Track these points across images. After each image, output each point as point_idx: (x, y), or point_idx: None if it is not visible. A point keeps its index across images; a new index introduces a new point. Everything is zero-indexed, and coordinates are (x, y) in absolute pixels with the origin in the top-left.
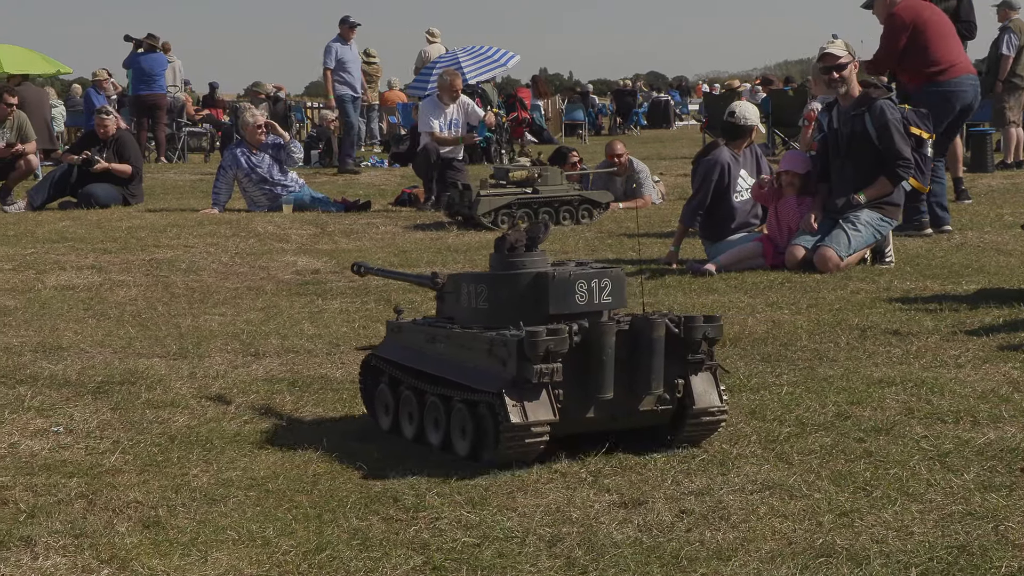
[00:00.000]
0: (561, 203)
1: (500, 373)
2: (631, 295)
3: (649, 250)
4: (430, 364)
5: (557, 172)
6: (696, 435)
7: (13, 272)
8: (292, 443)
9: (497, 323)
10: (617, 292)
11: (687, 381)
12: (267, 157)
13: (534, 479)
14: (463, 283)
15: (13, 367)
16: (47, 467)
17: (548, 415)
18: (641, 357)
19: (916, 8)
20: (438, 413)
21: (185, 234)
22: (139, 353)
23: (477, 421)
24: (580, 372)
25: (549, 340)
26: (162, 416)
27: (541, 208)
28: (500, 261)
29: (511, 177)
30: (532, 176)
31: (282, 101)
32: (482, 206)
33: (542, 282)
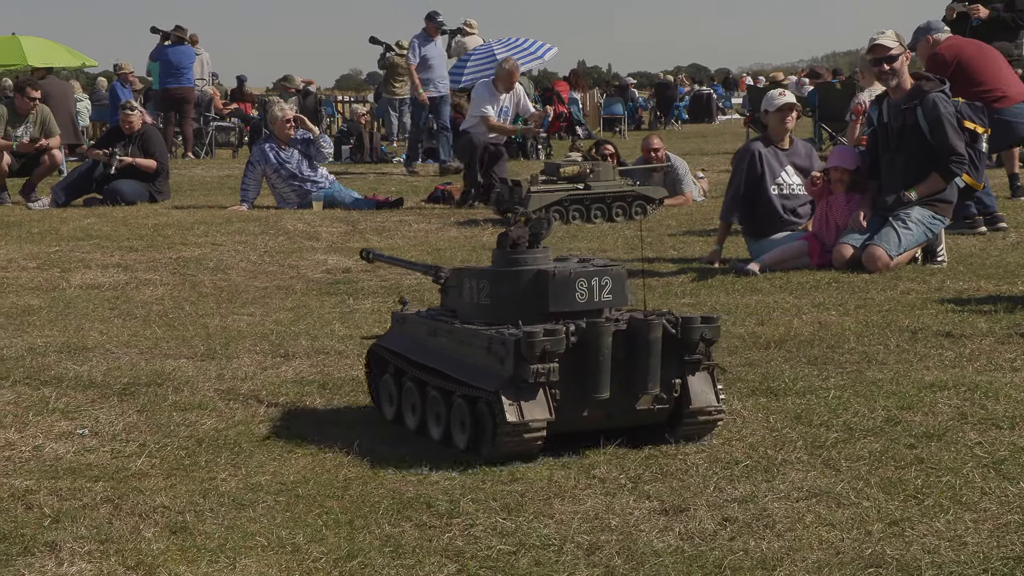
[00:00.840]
0: (613, 199)
1: (498, 371)
2: (671, 295)
3: (690, 249)
4: (432, 357)
5: (609, 167)
6: (693, 435)
7: (37, 271)
8: (323, 447)
9: (498, 319)
10: (618, 290)
11: (684, 381)
12: (296, 152)
13: (571, 485)
14: (465, 278)
15: (38, 368)
16: (72, 471)
17: (544, 414)
18: (638, 357)
19: (959, 45)
20: (439, 407)
21: (213, 232)
22: (166, 354)
23: (476, 417)
24: (577, 372)
25: (546, 340)
26: (189, 419)
27: (593, 204)
28: (502, 257)
29: (562, 173)
30: (584, 171)
31: (312, 95)
32: (532, 202)
33: (542, 280)
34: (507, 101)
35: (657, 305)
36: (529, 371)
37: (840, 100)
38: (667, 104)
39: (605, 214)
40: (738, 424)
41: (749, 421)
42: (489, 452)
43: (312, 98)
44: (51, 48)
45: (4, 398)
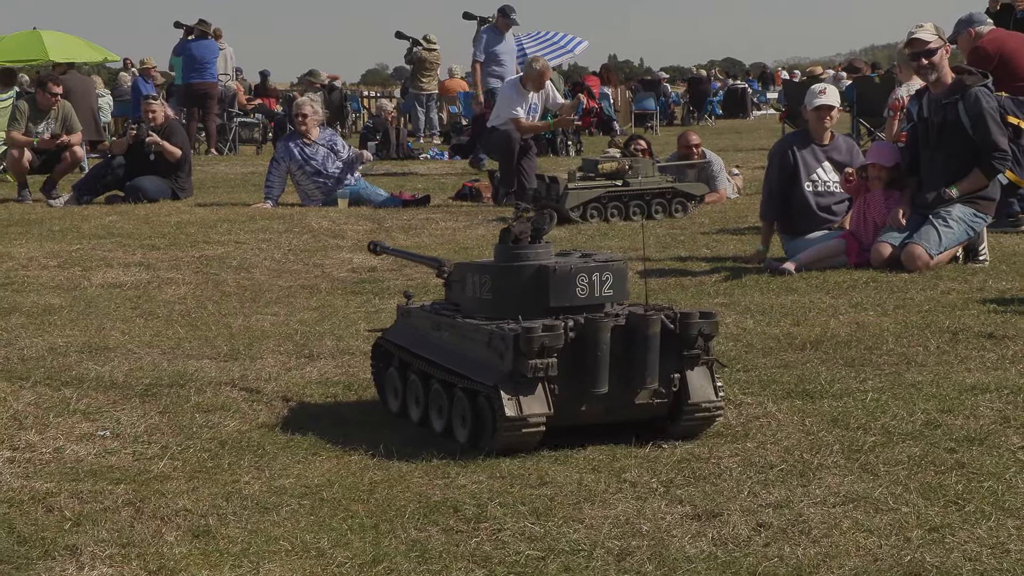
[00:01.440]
0: (653, 196)
1: (498, 366)
2: (704, 294)
3: (724, 247)
4: (435, 351)
5: (649, 163)
6: (692, 428)
7: (58, 269)
8: (348, 449)
9: (500, 314)
10: (619, 285)
11: (683, 376)
12: (321, 149)
13: (602, 489)
14: (468, 273)
15: (58, 368)
16: (93, 473)
17: (543, 408)
18: (637, 352)
19: (1002, 38)
20: (441, 400)
21: (236, 229)
22: (188, 354)
23: (476, 411)
24: (576, 367)
25: (544, 336)
26: (212, 420)
27: (632, 201)
28: (504, 252)
29: (600, 169)
30: (622, 168)
31: (338, 90)
32: (570, 199)
33: (543, 275)
34: (535, 99)
35: (690, 305)
36: (528, 366)
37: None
38: (700, 99)
39: (644, 211)
40: (773, 427)
41: (784, 424)
42: (489, 446)
43: (338, 93)
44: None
45: (25, 399)
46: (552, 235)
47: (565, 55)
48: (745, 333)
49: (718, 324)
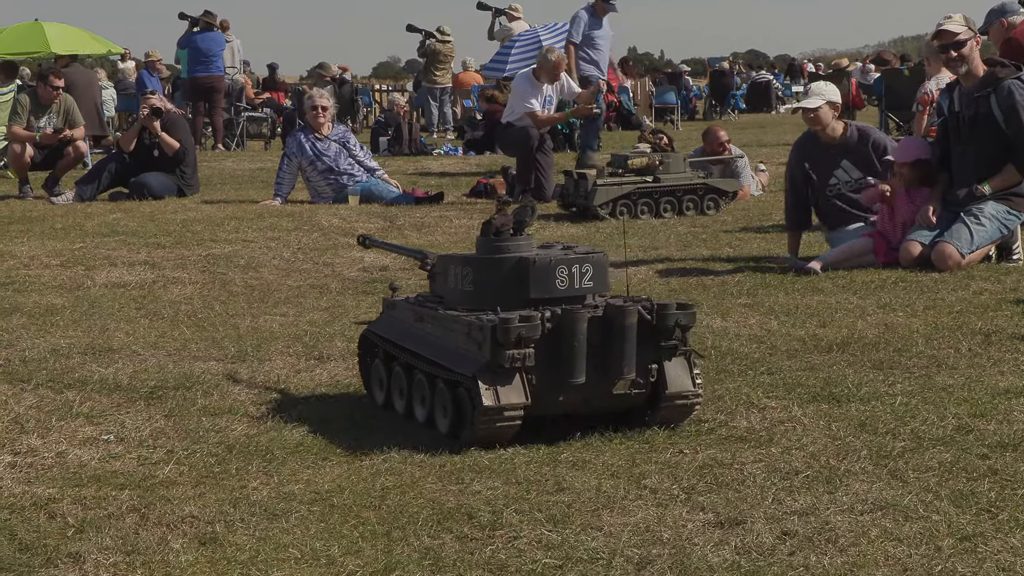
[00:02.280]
0: (685, 192)
1: (476, 356)
2: (726, 295)
3: (747, 246)
4: (417, 343)
5: (680, 159)
6: (671, 418)
7: (61, 268)
8: (359, 454)
9: (481, 305)
10: (599, 277)
11: (661, 366)
12: (333, 144)
13: (621, 495)
14: (451, 265)
15: (61, 370)
16: (97, 478)
17: (520, 398)
18: (614, 343)
19: None
20: (424, 391)
21: (244, 227)
22: (195, 356)
23: (457, 401)
24: (553, 357)
25: (521, 327)
26: (219, 424)
27: (663, 198)
28: (485, 245)
29: (630, 165)
30: (653, 163)
31: (348, 84)
32: (599, 196)
33: (523, 267)
34: (549, 90)
35: (712, 306)
36: (505, 356)
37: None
38: (723, 93)
39: (675, 208)
40: (798, 432)
41: (810, 429)
42: (468, 436)
43: (348, 87)
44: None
45: (26, 402)
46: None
47: None
48: (769, 335)
49: (695, 315)
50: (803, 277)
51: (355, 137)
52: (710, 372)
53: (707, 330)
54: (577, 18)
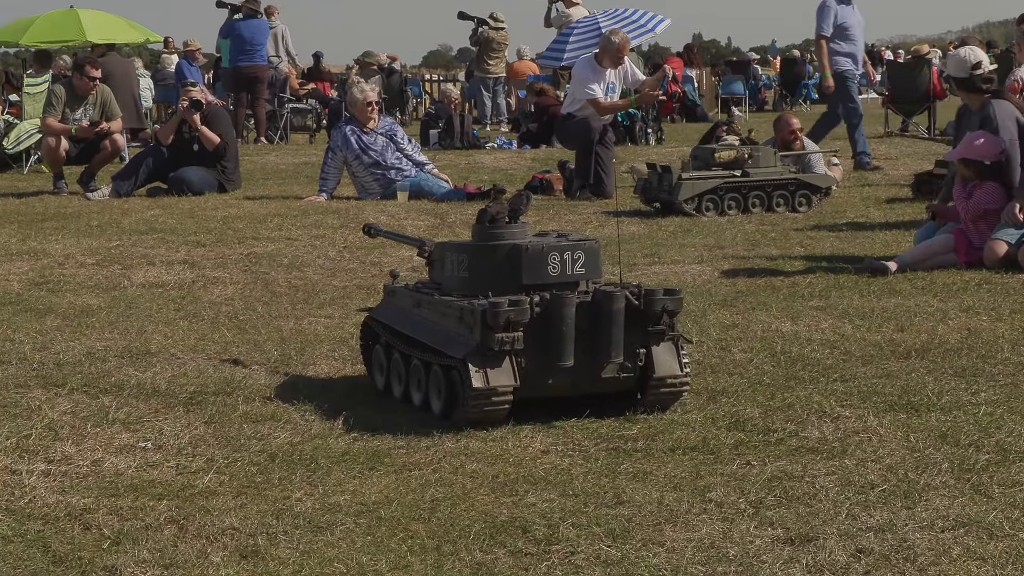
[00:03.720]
0: (775, 187)
1: (467, 340)
2: (797, 296)
3: (819, 245)
4: (415, 328)
5: (771, 153)
6: (659, 402)
7: (96, 267)
8: (407, 464)
9: (475, 291)
10: (591, 263)
11: (648, 351)
12: (380, 138)
13: (684, 509)
14: (447, 252)
15: (96, 374)
16: (134, 488)
17: (509, 380)
18: (601, 327)
19: None
20: (420, 374)
21: (288, 224)
22: (236, 360)
23: (450, 384)
24: (543, 341)
25: (510, 311)
26: (261, 431)
27: (751, 193)
28: (481, 232)
29: (717, 158)
30: (741, 157)
31: (397, 73)
32: (683, 191)
33: (516, 253)
34: (612, 76)
35: (782, 309)
36: (495, 339)
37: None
38: (794, 82)
39: (764, 203)
40: (874, 443)
41: (887, 440)
42: (460, 417)
43: (397, 77)
44: (112, 22)
45: (61, 407)
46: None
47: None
48: (843, 339)
49: (682, 300)
50: (879, 279)
51: (403, 130)
52: (780, 379)
53: (776, 334)
54: (825, 7)
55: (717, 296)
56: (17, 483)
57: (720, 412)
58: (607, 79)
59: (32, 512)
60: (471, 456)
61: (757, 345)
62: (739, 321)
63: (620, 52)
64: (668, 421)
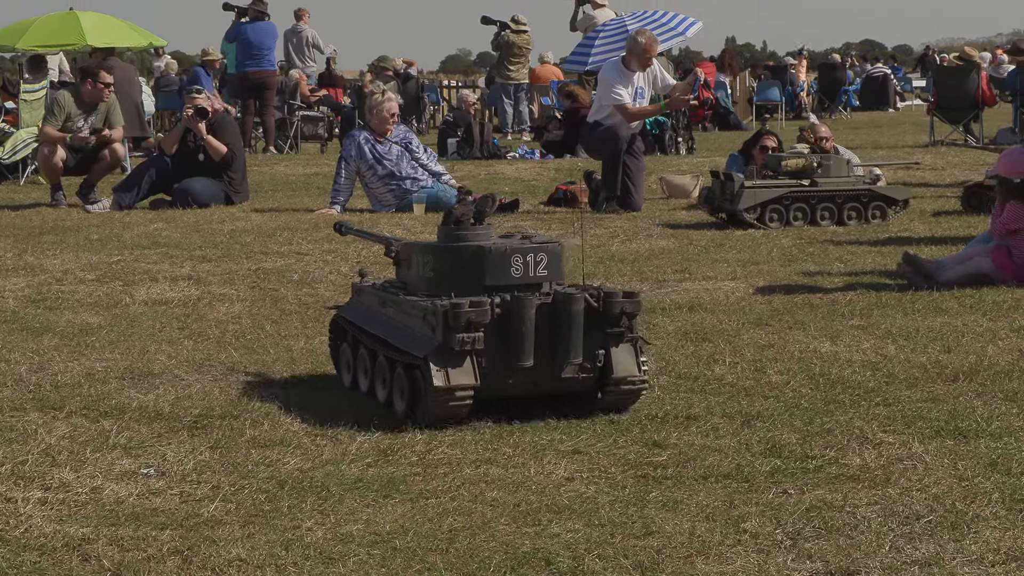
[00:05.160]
0: (846, 199)
1: (430, 339)
2: (836, 315)
3: (860, 260)
4: (380, 327)
5: (842, 162)
6: (618, 402)
7: (97, 283)
8: (424, 491)
9: (440, 291)
10: (553, 266)
11: (607, 352)
12: (395, 147)
13: (717, 540)
14: (413, 252)
15: (96, 396)
16: (135, 516)
17: (470, 380)
18: (561, 329)
19: None
20: (384, 372)
21: (298, 239)
22: (243, 381)
23: (412, 382)
24: (503, 341)
25: (471, 311)
26: (270, 457)
27: (821, 204)
28: (446, 234)
29: (784, 166)
30: (810, 165)
31: (414, 79)
32: (745, 199)
33: (480, 255)
34: (641, 80)
35: (821, 328)
36: (456, 339)
37: None
38: (834, 88)
39: (834, 216)
40: (919, 471)
41: (932, 468)
42: (422, 415)
43: (413, 83)
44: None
45: (58, 431)
46: (636, 249)
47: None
48: (886, 361)
49: (640, 303)
50: (923, 295)
51: (418, 138)
52: (818, 403)
53: (815, 355)
54: None
55: (751, 314)
56: (12, 512)
57: (755, 437)
58: (635, 83)
59: (28, 543)
60: (491, 483)
61: (794, 367)
62: (775, 341)
63: (647, 53)
64: (700, 447)
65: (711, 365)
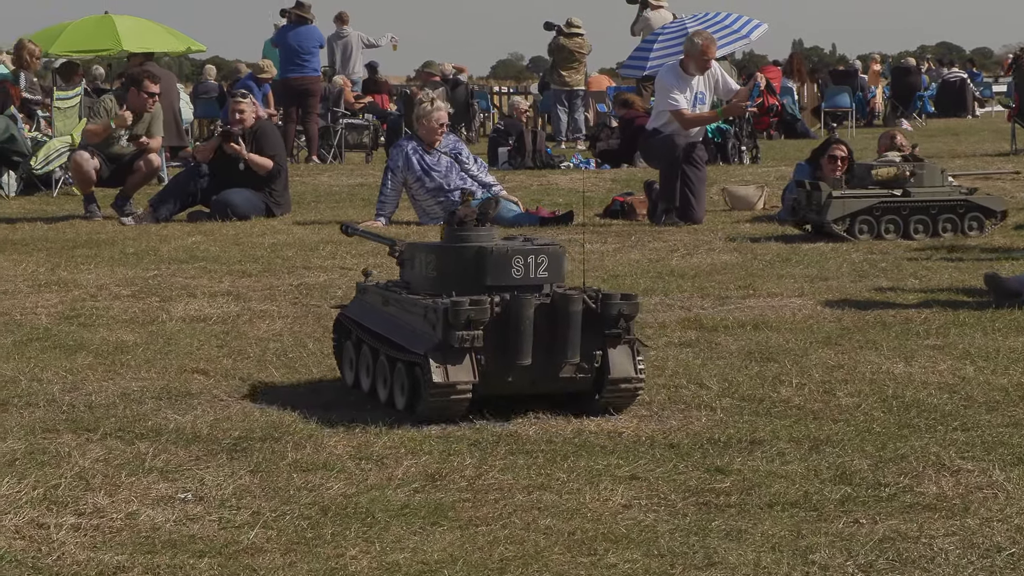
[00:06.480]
0: (941, 210)
1: (431, 337)
2: (911, 334)
3: (936, 276)
4: (382, 325)
5: (937, 171)
6: (615, 403)
7: (132, 299)
8: (474, 518)
9: (442, 291)
10: (554, 267)
11: (605, 353)
12: (444, 158)
13: (784, 572)
14: (417, 252)
15: (132, 418)
16: (172, 543)
17: (468, 377)
18: (559, 329)
19: None
20: (386, 370)
21: (342, 253)
22: (285, 402)
23: (413, 379)
24: (502, 340)
25: (471, 309)
26: (312, 482)
27: (913, 216)
28: (450, 234)
29: (876, 175)
30: (903, 174)
31: (463, 85)
32: (833, 210)
33: (481, 256)
34: (701, 85)
35: (894, 348)
36: (455, 337)
37: None
38: (908, 94)
39: (928, 228)
40: (1000, 500)
41: (1015, 497)
42: (422, 411)
43: (462, 89)
44: (150, 29)
45: (92, 454)
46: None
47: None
48: (964, 383)
49: (638, 305)
50: (1005, 314)
51: (467, 148)
52: (891, 427)
53: (887, 376)
54: None
55: (820, 333)
56: (44, 538)
57: (824, 463)
58: (694, 88)
59: (61, 570)
60: (544, 510)
61: (866, 388)
62: (845, 361)
63: (705, 55)
64: (765, 473)
65: (777, 387)
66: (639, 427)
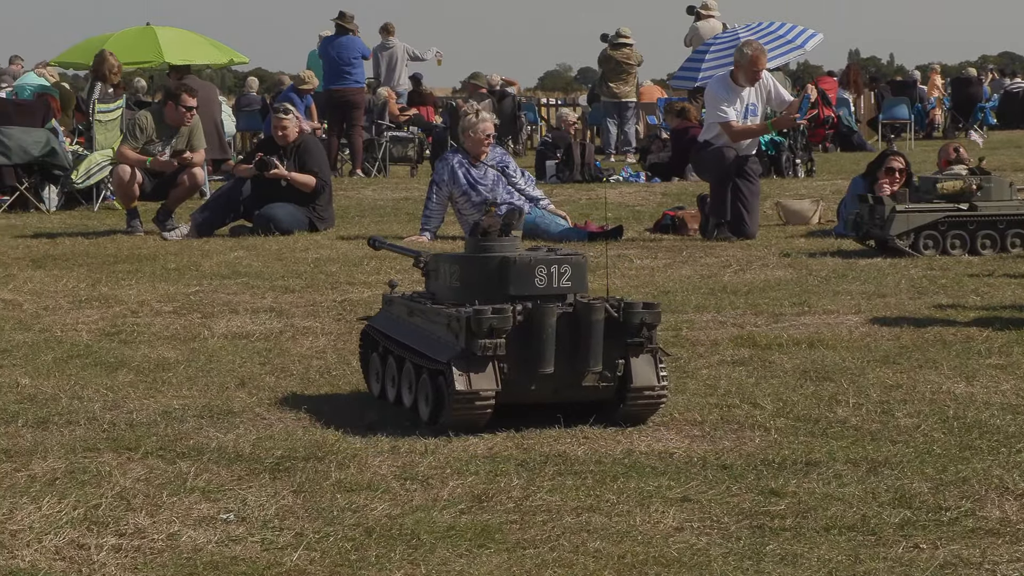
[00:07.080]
0: (1009, 224)
1: (454, 345)
2: (972, 353)
3: (998, 293)
4: (408, 335)
5: (1005, 184)
6: (638, 412)
7: (174, 316)
8: (521, 541)
9: (466, 300)
10: (577, 277)
11: (628, 361)
12: (491, 172)
13: None
14: (441, 263)
15: (173, 436)
16: (214, 565)
17: (491, 385)
18: (582, 337)
19: None
20: (411, 379)
21: (386, 268)
22: (329, 421)
23: (436, 388)
24: (525, 348)
25: (493, 318)
26: (356, 502)
27: (980, 231)
28: (473, 245)
29: (940, 189)
30: (969, 188)
31: (510, 97)
32: (897, 225)
33: (505, 265)
34: (752, 96)
35: (954, 368)
36: (478, 345)
37: None
38: (968, 105)
39: (996, 243)
40: None
41: None
42: (445, 419)
43: (509, 101)
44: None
45: (133, 473)
46: (750, 280)
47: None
48: None
49: (660, 314)
50: None
51: (515, 161)
52: (952, 449)
53: (948, 397)
54: None
55: (878, 352)
56: (85, 559)
57: (882, 486)
58: (744, 100)
59: None
60: (593, 533)
61: (925, 409)
62: (904, 381)
63: (755, 66)
64: (821, 496)
65: (833, 407)
66: (691, 448)
